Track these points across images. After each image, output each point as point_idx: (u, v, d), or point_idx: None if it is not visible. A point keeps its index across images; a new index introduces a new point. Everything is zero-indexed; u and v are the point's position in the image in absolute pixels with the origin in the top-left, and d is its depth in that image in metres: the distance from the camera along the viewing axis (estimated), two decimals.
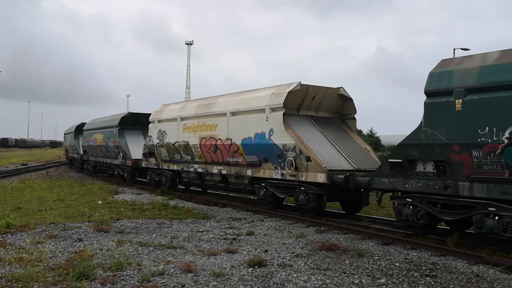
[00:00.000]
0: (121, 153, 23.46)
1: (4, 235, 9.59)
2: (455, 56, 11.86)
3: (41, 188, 20.26)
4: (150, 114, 22.48)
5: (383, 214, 13.71)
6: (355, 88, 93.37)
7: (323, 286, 6.69)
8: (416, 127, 9.57)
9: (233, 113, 14.95)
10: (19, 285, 6.29)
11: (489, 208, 8.55)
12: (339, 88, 14.22)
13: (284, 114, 13.06)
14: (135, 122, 23.76)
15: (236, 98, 15.34)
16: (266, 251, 8.79)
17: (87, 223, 11.33)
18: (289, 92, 13.06)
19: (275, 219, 12.83)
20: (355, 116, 14.60)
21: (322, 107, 14.29)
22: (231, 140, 14.70)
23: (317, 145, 12.82)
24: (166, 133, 18.81)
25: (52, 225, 11.01)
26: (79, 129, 33.48)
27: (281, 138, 12.89)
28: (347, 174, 11.68)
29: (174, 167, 18.47)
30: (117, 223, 11.59)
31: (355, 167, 12.46)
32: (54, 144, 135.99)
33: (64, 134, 43.14)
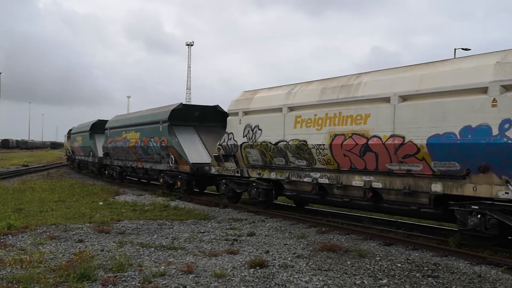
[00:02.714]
0: (171, 156, 18.40)
1: (5, 236, 9.59)
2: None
3: (42, 189, 20.26)
4: (205, 106, 19.21)
5: None
6: None
7: (324, 287, 6.68)
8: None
9: (405, 97, 10.07)
10: (20, 287, 6.28)
11: None
12: None
13: None
14: (187, 117, 19.04)
15: (408, 75, 10.33)
16: (267, 252, 8.78)
17: (88, 224, 11.33)
18: None
19: (276, 219, 12.81)
20: None
21: None
22: (403, 138, 9.94)
23: None
24: (260, 129, 13.84)
25: (53, 226, 11.00)
26: (97, 127, 28.91)
27: None
28: None
29: (273, 175, 13.58)
30: (118, 224, 11.58)
31: None
32: (55, 145, 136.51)
33: (70, 133, 37.93)
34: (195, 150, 17.80)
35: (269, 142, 13.33)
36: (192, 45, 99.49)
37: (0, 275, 6.81)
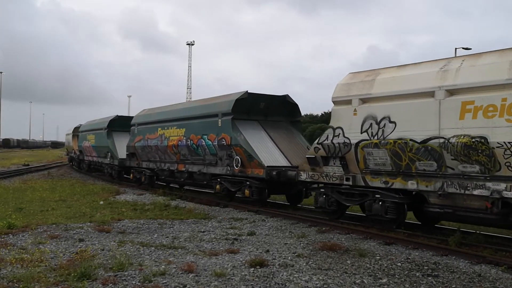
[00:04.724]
0: (237, 157, 14.85)
1: (5, 236, 9.60)
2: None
3: (43, 188, 20.29)
4: (273, 96, 16.03)
5: None
6: None
7: (324, 286, 6.68)
8: None
9: None
10: (21, 286, 6.28)
11: None
12: None
13: None
14: (251, 109, 15.69)
15: None
16: (267, 251, 8.79)
17: (89, 224, 11.34)
18: None
19: (276, 219, 12.82)
20: None
21: None
22: None
23: None
24: (391, 122, 10.38)
25: (54, 225, 11.02)
26: (115, 125, 25.86)
27: None
28: None
29: (411, 185, 10.14)
30: (118, 224, 11.60)
31: None
32: (56, 145, 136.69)
33: (78, 131, 34.33)
34: (267, 150, 14.65)
35: (411, 140, 9.94)
36: (193, 45, 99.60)
37: (0, 274, 6.82)
